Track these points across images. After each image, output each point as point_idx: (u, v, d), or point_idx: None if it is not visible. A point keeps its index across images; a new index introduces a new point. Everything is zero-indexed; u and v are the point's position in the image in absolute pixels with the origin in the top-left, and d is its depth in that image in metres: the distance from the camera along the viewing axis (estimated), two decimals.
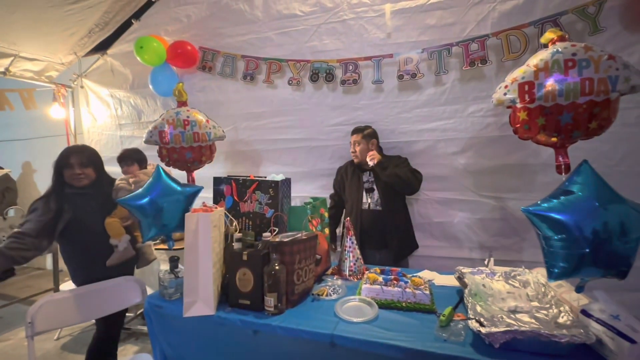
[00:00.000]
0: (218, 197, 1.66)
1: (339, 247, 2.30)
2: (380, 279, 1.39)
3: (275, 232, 1.47)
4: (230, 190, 1.65)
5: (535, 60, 1.38)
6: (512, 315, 1.14)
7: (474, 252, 2.19)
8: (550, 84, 1.30)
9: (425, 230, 2.24)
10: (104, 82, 2.94)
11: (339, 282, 1.53)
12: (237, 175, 1.72)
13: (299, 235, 1.40)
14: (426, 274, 1.69)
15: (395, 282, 1.37)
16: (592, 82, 1.26)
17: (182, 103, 2.04)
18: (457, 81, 2.06)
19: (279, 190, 1.59)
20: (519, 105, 1.39)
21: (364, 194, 2.09)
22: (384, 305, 1.29)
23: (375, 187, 2.07)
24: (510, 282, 1.38)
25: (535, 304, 1.22)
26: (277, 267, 1.24)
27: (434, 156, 2.16)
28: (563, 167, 1.39)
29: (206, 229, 1.23)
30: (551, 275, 0.98)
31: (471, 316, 1.11)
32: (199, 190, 1.46)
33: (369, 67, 2.18)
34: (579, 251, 0.93)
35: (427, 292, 1.31)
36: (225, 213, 1.49)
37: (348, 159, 2.31)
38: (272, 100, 2.43)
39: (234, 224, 1.47)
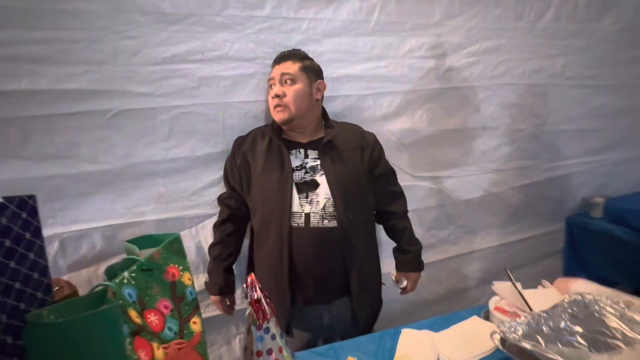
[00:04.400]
0: None
1: (240, 300, 1.19)
2: None
3: None
4: None
5: None
6: None
7: None
8: None
9: None
10: None
11: None
12: None
13: None
14: (409, 342, 0.87)
15: None
16: None
17: None
18: None
19: None
20: None
21: (295, 194, 1.00)
22: None
23: (322, 179, 1.02)
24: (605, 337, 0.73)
25: None
26: None
27: (358, 123, 1.30)
28: None
29: None
30: None
31: None
32: None
33: None
34: None
35: None
36: None
37: (209, 137, 1.14)
38: None
39: None
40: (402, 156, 1.43)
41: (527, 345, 0.69)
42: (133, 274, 0.55)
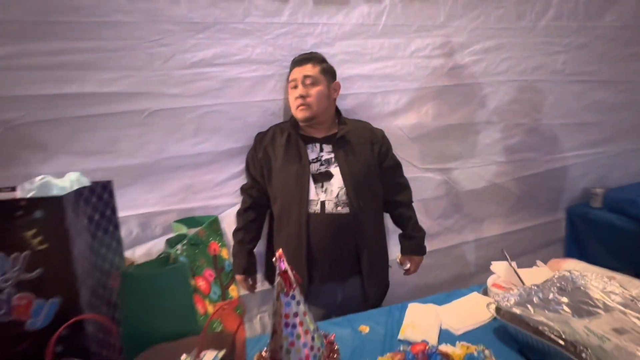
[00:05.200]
0: None
1: (259, 282, 1.29)
2: None
3: None
4: None
5: None
6: None
7: None
8: None
9: None
10: None
11: None
12: None
13: None
14: (415, 313, 0.97)
15: None
16: None
17: None
18: None
19: (69, 223, 0.43)
20: None
21: (312, 184, 1.12)
22: None
23: (336, 170, 1.13)
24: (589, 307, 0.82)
25: None
26: None
27: (367, 118, 1.41)
28: None
29: None
30: None
31: None
32: None
33: None
34: None
35: None
36: None
37: (231, 133, 1.25)
38: None
39: None
40: (409, 150, 1.53)
41: (517, 310, 0.79)
42: (184, 247, 0.67)
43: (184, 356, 0.47)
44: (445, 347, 0.78)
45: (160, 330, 0.51)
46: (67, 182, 0.56)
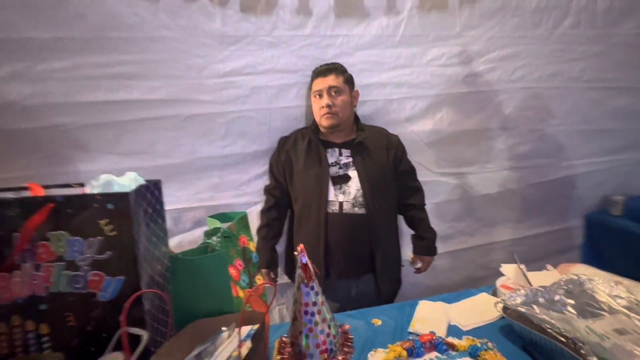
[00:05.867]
0: None
1: (279, 276, 1.39)
2: None
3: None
4: None
5: None
6: None
7: None
8: None
9: None
10: None
11: None
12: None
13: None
14: (425, 309, 1.03)
15: None
16: None
17: None
18: (415, 10, 1.40)
19: (133, 215, 0.54)
20: None
21: (331, 186, 1.20)
22: None
23: (354, 173, 1.22)
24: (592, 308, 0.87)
25: None
26: None
27: (384, 124, 1.48)
28: None
29: None
30: None
31: None
32: None
33: None
34: None
35: None
36: None
37: (257, 137, 1.35)
38: (83, 16, 1.11)
39: None
40: (425, 154, 1.58)
41: (522, 309, 0.84)
42: (219, 239, 0.77)
43: (224, 329, 0.56)
44: (451, 339, 0.84)
45: (202, 307, 0.61)
46: (126, 180, 0.67)
